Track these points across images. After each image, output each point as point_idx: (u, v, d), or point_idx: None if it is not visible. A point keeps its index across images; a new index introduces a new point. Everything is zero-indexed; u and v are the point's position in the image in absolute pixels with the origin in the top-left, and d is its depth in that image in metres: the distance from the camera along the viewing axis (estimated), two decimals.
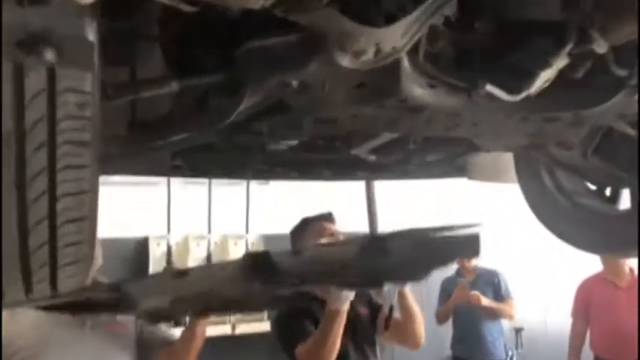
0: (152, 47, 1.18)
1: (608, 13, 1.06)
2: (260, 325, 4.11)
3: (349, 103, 1.08)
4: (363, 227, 4.35)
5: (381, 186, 4.15)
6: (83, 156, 0.78)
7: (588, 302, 3.80)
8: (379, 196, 4.35)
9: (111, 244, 2.70)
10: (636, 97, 1.23)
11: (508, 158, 2.13)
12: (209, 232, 4.25)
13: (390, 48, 0.92)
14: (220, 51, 1.08)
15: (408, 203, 4.38)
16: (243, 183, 4.42)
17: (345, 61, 0.94)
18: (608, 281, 3.73)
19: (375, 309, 2.48)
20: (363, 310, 2.47)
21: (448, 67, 1.12)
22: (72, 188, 0.79)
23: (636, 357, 3.41)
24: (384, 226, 4.28)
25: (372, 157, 1.91)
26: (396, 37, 0.92)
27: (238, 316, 4.10)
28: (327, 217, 2.52)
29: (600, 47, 1.07)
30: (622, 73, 1.16)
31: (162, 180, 4.04)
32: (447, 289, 4.25)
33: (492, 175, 2.16)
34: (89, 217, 0.84)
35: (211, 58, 1.11)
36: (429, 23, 0.95)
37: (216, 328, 4.00)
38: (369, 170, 2.22)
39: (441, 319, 4.26)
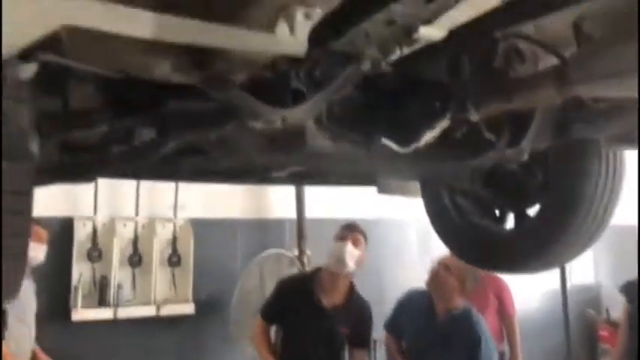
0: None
1: (480, 90, 1.27)
2: (184, 306, 4.24)
3: (261, 153, 1.25)
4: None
5: None
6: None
7: None
8: None
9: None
10: (510, 152, 1.45)
11: None
12: (136, 214, 4.29)
13: (295, 120, 1.09)
14: (150, 99, 1.21)
15: None
16: None
17: (258, 125, 1.10)
18: None
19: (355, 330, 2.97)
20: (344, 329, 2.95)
21: (349, 122, 1.30)
22: None
23: None
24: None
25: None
26: (302, 113, 1.08)
27: (163, 297, 4.21)
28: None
29: (473, 117, 1.28)
30: (491, 137, 1.38)
31: None
32: None
33: (399, 189, 2.39)
34: None
35: (142, 104, 1.24)
36: (333, 99, 1.12)
37: (141, 308, 4.11)
38: (289, 178, 2.40)
39: None
